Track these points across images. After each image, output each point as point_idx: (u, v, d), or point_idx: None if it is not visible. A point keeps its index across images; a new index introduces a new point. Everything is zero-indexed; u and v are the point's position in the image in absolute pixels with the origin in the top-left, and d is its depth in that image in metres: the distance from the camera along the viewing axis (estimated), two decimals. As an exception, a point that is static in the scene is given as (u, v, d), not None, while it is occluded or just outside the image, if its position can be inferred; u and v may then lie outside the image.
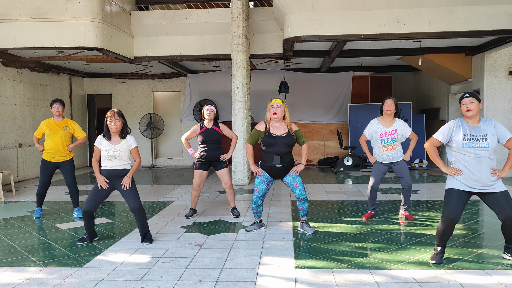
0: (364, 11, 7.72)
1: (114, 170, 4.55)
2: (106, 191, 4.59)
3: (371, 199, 5.59)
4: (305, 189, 4.95)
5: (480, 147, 3.72)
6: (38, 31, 8.06)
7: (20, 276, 3.68)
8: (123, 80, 13.11)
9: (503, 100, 9.36)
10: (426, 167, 11.19)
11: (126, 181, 4.54)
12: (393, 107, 5.30)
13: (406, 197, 5.52)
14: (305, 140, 4.91)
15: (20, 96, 9.99)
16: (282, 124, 4.83)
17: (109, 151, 4.51)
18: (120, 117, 4.54)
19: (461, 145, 3.76)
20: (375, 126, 5.38)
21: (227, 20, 9.17)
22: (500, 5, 7.49)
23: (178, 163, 13.15)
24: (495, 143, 3.75)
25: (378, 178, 5.47)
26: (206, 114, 5.64)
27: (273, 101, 4.79)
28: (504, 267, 3.76)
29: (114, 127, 4.48)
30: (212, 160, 5.67)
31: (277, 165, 4.82)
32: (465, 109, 3.78)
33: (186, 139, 5.71)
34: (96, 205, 4.56)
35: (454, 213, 3.78)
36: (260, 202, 4.99)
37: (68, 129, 5.87)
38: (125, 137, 4.58)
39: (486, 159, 3.72)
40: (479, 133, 3.75)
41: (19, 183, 9.54)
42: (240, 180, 8.71)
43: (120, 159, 4.54)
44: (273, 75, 12.40)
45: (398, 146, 5.39)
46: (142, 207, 4.59)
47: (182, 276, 3.63)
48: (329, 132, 12.45)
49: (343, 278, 3.54)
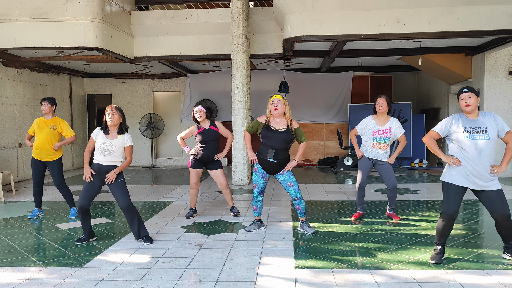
0: (364, 11, 7.72)
1: (103, 166, 4.51)
2: (97, 186, 4.55)
3: (359, 198, 5.58)
4: (299, 188, 4.93)
5: (481, 139, 3.72)
6: (38, 31, 8.06)
7: (20, 276, 3.68)
8: (123, 80, 13.12)
9: (503, 100, 9.36)
10: (426, 167, 11.19)
11: (110, 176, 4.47)
12: (385, 105, 5.30)
13: (391, 198, 5.50)
14: (305, 139, 4.90)
15: (20, 96, 9.99)
16: (283, 120, 4.82)
17: (103, 144, 4.49)
18: (118, 111, 4.54)
19: (462, 137, 3.76)
20: (369, 124, 5.38)
21: (227, 20, 9.17)
22: (500, 5, 7.50)
23: (178, 163, 13.15)
24: (495, 135, 3.76)
25: (366, 175, 5.45)
26: (197, 116, 5.58)
27: (274, 97, 4.80)
28: (504, 267, 3.76)
29: (111, 120, 4.47)
30: (207, 160, 5.64)
31: (270, 159, 4.79)
32: (464, 104, 3.79)
33: (181, 138, 5.71)
34: (89, 201, 4.53)
35: (452, 209, 3.80)
36: (261, 196, 4.99)
37: (55, 127, 5.79)
38: (122, 134, 4.57)
39: (486, 151, 3.71)
40: (479, 126, 3.75)
41: (19, 183, 9.54)
42: (240, 180, 8.71)
43: (112, 155, 4.51)
44: (273, 75, 12.41)
45: (388, 147, 5.39)
46: (132, 205, 4.56)
47: (182, 276, 3.63)
48: (329, 132, 12.45)
49: (343, 278, 3.54)
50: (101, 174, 4.53)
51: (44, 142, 5.73)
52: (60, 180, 5.85)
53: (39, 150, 5.75)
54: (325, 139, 12.50)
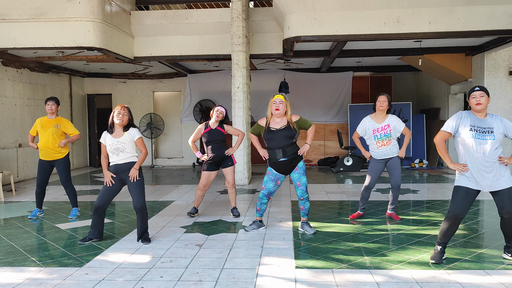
0: (364, 11, 7.72)
1: (120, 164, 4.54)
2: (117, 186, 4.59)
3: (363, 199, 5.59)
4: (307, 189, 4.94)
5: (486, 139, 3.73)
6: (38, 31, 8.06)
7: (20, 276, 3.68)
8: (123, 80, 13.12)
9: (503, 100, 9.36)
10: (426, 167, 11.19)
11: (132, 173, 4.51)
12: (386, 103, 5.31)
13: (394, 197, 5.52)
14: (311, 123, 4.93)
15: (20, 96, 9.99)
16: (283, 119, 4.84)
17: (113, 145, 4.51)
18: (129, 113, 4.57)
19: (468, 135, 3.77)
20: (367, 123, 5.39)
21: (227, 20, 9.17)
22: (500, 5, 7.49)
23: (178, 163, 13.15)
24: (501, 136, 3.78)
25: (375, 178, 5.47)
26: (215, 115, 5.57)
27: (276, 97, 4.81)
28: (504, 267, 3.76)
29: (120, 119, 4.48)
30: (219, 160, 5.64)
31: (281, 159, 4.81)
32: (475, 102, 3.79)
33: (193, 142, 5.66)
34: (108, 201, 4.59)
35: (459, 210, 3.79)
36: (266, 199, 4.99)
37: (59, 126, 5.78)
38: (128, 130, 4.57)
39: (491, 151, 3.73)
40: (486, 126, 3.77)
41: (19, 183, 9.54)
42: (240, 180, 8.70)
43: (124, 152, 4.52)
44: (273, 75, 12.41)
45: (393, 141, 5.37)
46: (145, 206, 4.59)
47: (182, 276, 3.63)
48: (329, 132, 12.45)
49: (343, 278, 3.54)
50: (120, 173, 4.57)
51: (47, 141, 5.72)
52: (67, 178, 5.86)
53: (43, 150, 5.76)
54: (325, 139, 12.50)
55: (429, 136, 11.90)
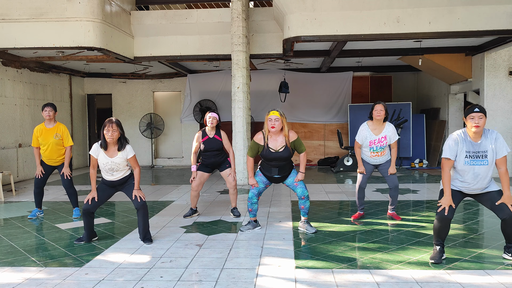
0: (364, 11, 7.72)
1: (116, 181, 4.60)
2: (108, 194, 4.63)
3: (359, 199, 5.59)
4: (306, 187, 4.96)
5: (479, 165, 3.76)
6: (38, 31, 8.05)
7: (20, 276, 3.68)
8: (123, 80, 13.11)
9: (503, 100, 9.36)
10: (426, 167, 11.19)
11: (138, 194, 4.52)
12: (383, 112, 5.25)
13: (393, 197, 5.52)
14: (304, 149, 4.92)
15: (20, 96, 9.99)
16: (280, 137, 4.83)
17: (107, 165, 4.47)
18: (118, 127, 4.39)
19: (462, 162, 3.79)
20: (365, 133, 5.35)
21: (227, 20, 9.17)
22: (500, 5, 7.49)
23: (178, 163, 13.15)
24: (494, 159, 3.79)
25: (366, 177, 5.48)
26: (209, 122, 5.57)
27: (271, 114, 4.75)
28: (504, 267, 3.76)
29: (110, 137, 4.37)
30: (214, 165, 5.69)
31: (275, 176, 4.94)
32: (473, 124, 3.70)
33: (194, 153, 5.66)
34: (97, 206, 4.57)
35: (447, 211, 3.81)
36: (256, 199, 4.99)
37: (59, 136, 5.79)
38: (123, 149, 4.47)
39: (483, 175, 3.79)
40: (479, 150, 3.77)
41: (19, 183, 9.54)
42: (239, 180, 8.70)
43: (119, 171, 4.55)
44: (273, 75, 12.40)
45: (386, 151, 5.40)
46: (146, 206, 4.59)
47: (182, 276, 3.63)
48: (329, 132, 12.45)
49: (343, 278, 3.54)
50: (116, 186, 4.63)
51: (51, 153, 5.79)
52: (69, 182, 5.88)
53: (47, 159, 5.83)
54: (325, 139, 12.50)
55: (429, 136, 11.90)
